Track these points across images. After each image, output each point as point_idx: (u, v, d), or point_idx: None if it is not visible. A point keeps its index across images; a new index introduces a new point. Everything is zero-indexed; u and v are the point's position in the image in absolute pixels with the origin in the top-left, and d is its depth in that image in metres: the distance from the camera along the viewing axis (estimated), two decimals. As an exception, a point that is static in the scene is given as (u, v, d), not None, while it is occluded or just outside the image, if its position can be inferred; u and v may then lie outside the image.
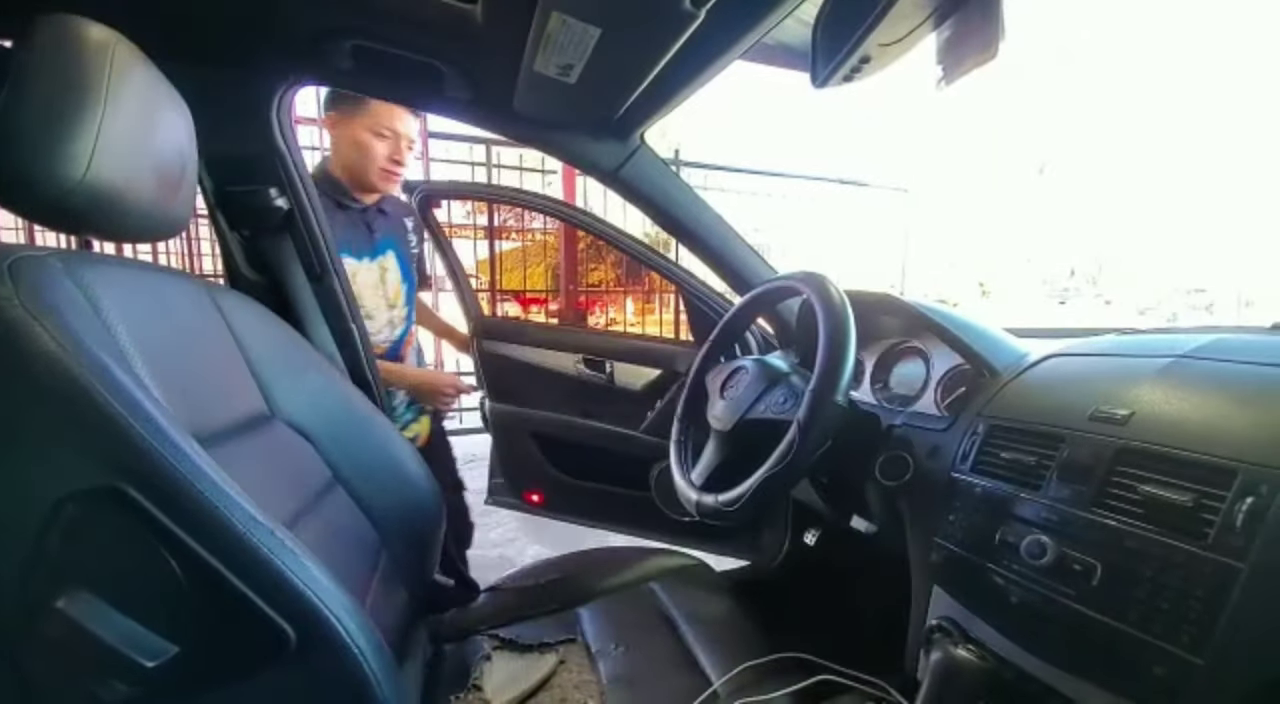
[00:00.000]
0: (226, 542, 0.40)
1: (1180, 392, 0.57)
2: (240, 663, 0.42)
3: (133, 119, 0.47)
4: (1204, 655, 0.46)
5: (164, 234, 0.57)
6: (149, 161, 0.50)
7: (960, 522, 0.68)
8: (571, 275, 3.53)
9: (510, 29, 0.73)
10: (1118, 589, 0.52)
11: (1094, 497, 0.56)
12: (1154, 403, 0.58)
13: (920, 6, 0.54)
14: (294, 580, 0.40)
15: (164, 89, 0.54)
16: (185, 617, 0.40)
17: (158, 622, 0.40)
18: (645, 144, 1.12)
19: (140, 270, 0.62)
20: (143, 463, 0.39)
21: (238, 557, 0.40)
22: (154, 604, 0.40)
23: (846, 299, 0.74)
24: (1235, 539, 0.46)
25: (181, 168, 0.57)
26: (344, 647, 0.42)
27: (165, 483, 0.39)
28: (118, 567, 0.40)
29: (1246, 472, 0.47)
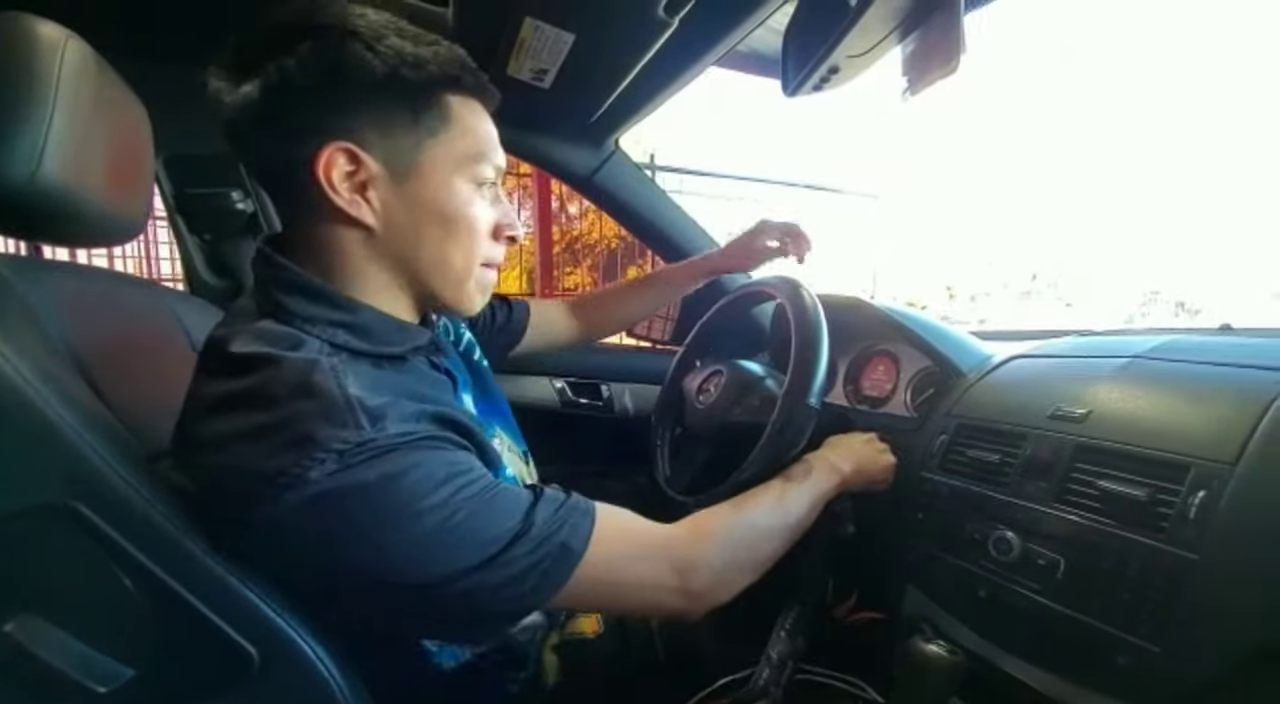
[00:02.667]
0: (183, 559, 0.38)
1: (1135, 390, 0.60)
2: (200, 686, 0.41)
3: (85, 118, 0.46)
4: (1162, 644, 0.48)
5: (119, 238, 0.55)
6: (102, 162, 0.48)
7: (930, 520, 0.69)
8: (547, 279, 3.51)
9: (483, 33, 0.73)
10: (1080, 582, 0.54)
11: (1055, 493, 0.58)
12: (1110, 401, 0.60)
13: (885, 20, 0.56)
14: (255, 598, 0.39)
15: (119, 88, 0.52)
16: (141, 639, 0.39)
17: (112, 645, 0.38)
18: (620, 150, 1.12)
19: (94, 277, 0.59)
20: (95, 479, 0.37)
21: (196, 575, 0.38)
22: (108, 627, 0.38)
23: (819, 303, 0.76)
24: (1189, 532, 0.48)
25: (138, 168, 0.55)
26: (310, 666, 0.41)
27: (119, 499, 0.37)
28: (69, 588, 0.38)
29: (1198, 467, 0.50)
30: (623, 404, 1.25)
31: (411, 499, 0.38)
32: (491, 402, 0.66)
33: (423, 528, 0.38)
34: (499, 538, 0.40)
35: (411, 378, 0.47)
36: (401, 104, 0.43)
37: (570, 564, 0.43)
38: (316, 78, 0.40)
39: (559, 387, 1.23)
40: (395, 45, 0.42)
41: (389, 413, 0.39)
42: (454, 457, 0.42)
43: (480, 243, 0.49)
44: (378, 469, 0.37)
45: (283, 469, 0.36)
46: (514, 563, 0.40)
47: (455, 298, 0.50)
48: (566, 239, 4.15)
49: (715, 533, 0.53)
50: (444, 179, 0.45)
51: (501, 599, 0.41)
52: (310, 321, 0.43)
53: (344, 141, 0.41)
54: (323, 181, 0.41)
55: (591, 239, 4.16)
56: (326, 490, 0.36)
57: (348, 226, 0.44)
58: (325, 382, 0.39)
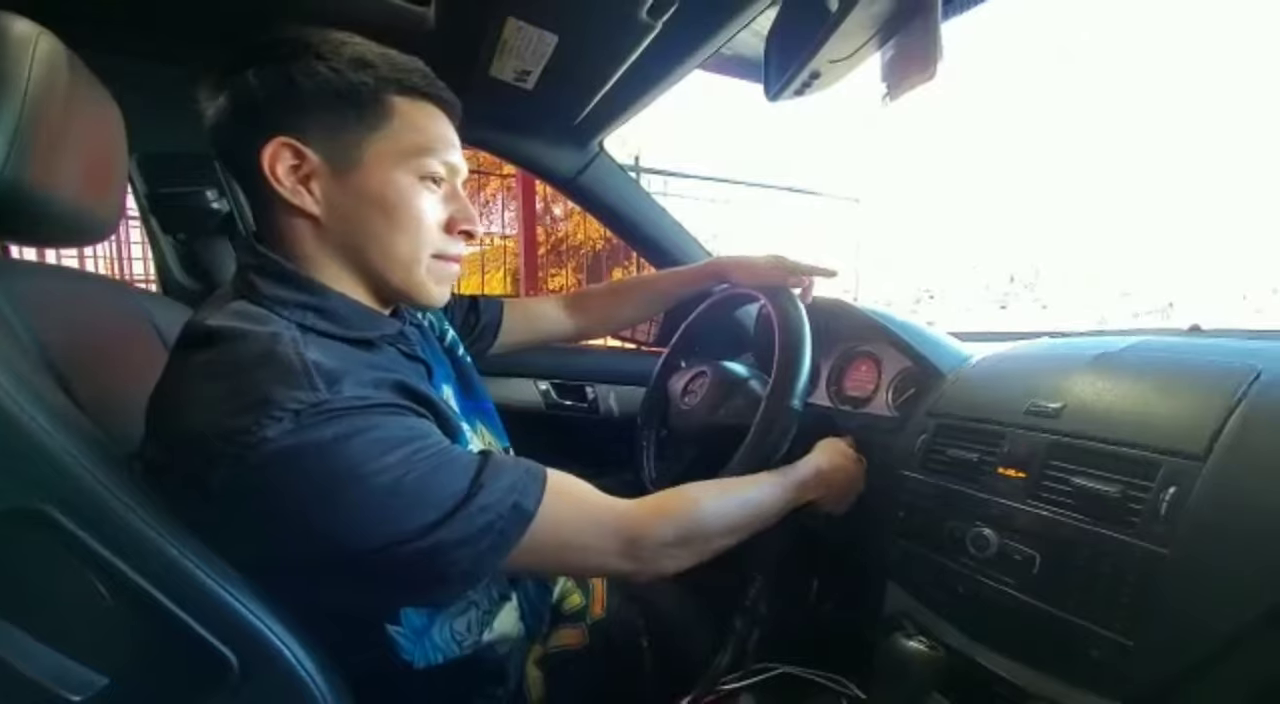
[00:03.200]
0: (159, 563, 0.37)
1: (1108, 390, 0.61)
2: (177, 693, 0.40)
3: (56, 115, 0.45)
4: (1135, 638, 0.49)
5: (90, 238, 0.54)
6: (74, 160, 0.47)
7: (912, 518, 0.70)
8: (532, 281, 3.49)
9: (465, 33, 0.72)
10: (1055, 577, 0.55)
11: (1031, 489, 0.59)
12: (1084, 400, 0.62)
13: (865, 27, 0.57)
14: (234, 602, 0.38)
15: (92, 85, 0.51)
16: (116, 646, 0.38)
17: (85, 652, 0.37)
18: (604, 151, 1.13)
19: (64, 277, 0.58)
20: (66, 482, 0.36)
21: (172, 579, 0.37)
22: (81, 633, 0.37)
23: (802, 306, 0.76)
24: (1160, 527, 0.49)
25: (110, 167, 0.54)
26: (290, 671, 0.40)
27: (91, 503, 0.37)
28: (40, 594, 0.37)
29: (1169, 464, 0.51)
30: (608, 406, 1.25)
31: (367, 459, 0.39)
32: (475, 398, 0.68)
33: (378, 486, 0.39)
34: (455, 495, 0.42)
35: (381, 358, 0.49)
36: (345, 103, 0.47)
37: (523, 524, 0.44)
38: (272, 85, 0.46)
39: (543, 388, 1.23)
40: (347, 53, 0.47)
41: (346, 377, 0.41)
42: (411, 422, 0.44)
43: (427, 233, 0.51)
44: (334, 429, 0.39)
45: (241, 428, 0.38)
46: (471, 520, 0.42)
47: (407, 285, 0.52)
48: (551, 240, 4.14)
49: (673, 514, 0.55)
50: (385, 172, 0.48)
51: (461, 557, 0.42)
52: (281, 303, 0.46)
53: (288, 137, 0.46)
54: (267, 173, 0.46)
55: (577, 240, 4.15)
56: (283, 449, 0.38)
57: (297, 216, 0.48)
58: (285, 351, 0.41)
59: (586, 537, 0.49)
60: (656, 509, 0.54)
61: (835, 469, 0.73)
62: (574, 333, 0.92)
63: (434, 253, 0.52)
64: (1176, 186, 7.02)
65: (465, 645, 0.56)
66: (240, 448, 0.37)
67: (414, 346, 0.56)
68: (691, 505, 0.57)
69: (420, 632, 0.53)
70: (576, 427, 1.23)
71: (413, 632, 0.52)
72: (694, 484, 0.60)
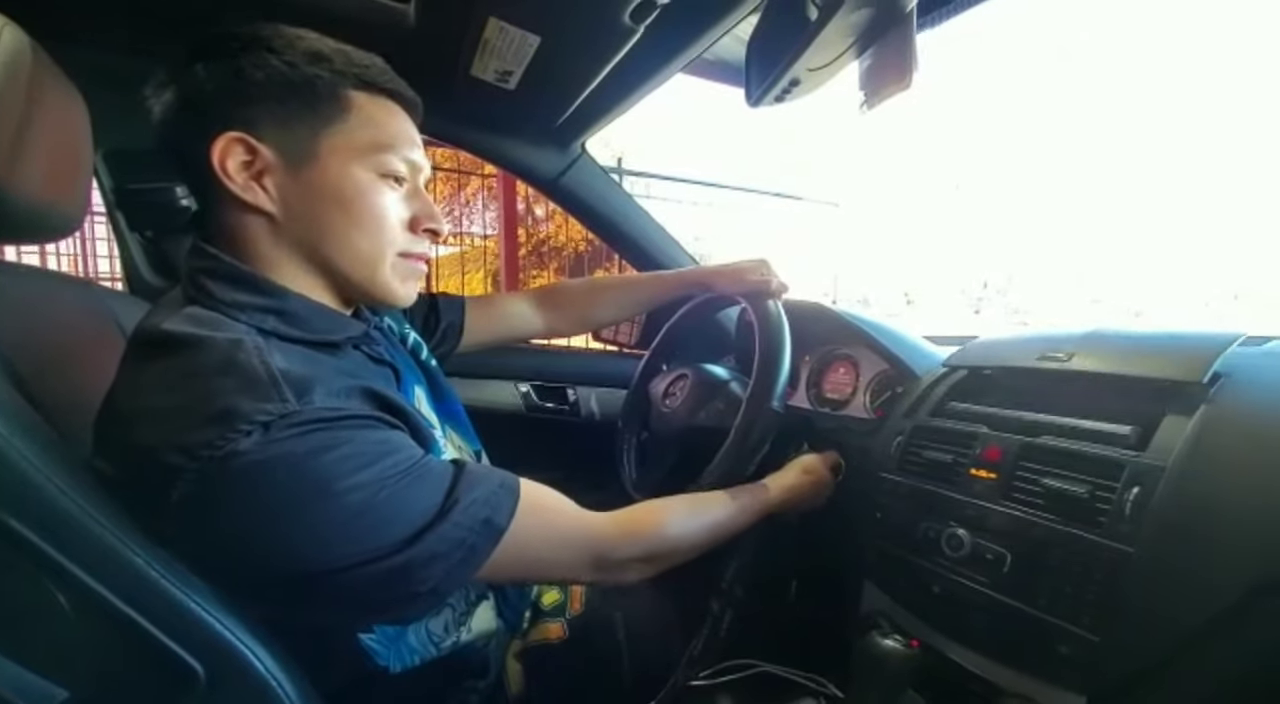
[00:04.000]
0: (121, 571, 0.36)
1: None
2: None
3: (19, 108, 0.43)
4: (1102, 634, 0.51)
5: (54, 234, 0.52)
6: (37, 154, 0.46)
7: (888, 519, 0.71)
8: (513, 282, 3.47)
9: (445, 32, 0.72)
10: (1026, 576, 0.57)
11: (1003, 490, 0.60)
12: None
13: (844, 36, 0.58)
14: (199, 611, 0.37)
15: (57, 77, 0.49)
16: (77, 658, 0.36)
17: (44, 664, 0.36)
18: (586, 153, 1.12)
19: (25, 275, 0.56)
20: (24, 488, 0.35)
21: (134, 587, 0.36)
22: (39, 645, 0.36)
23: (782, 309, 0.77)
24: (1125, 526, 0.51)
25: (75, 162, 0.52)
26: (260, 680, 0.39)
27: (50, 511, 0.35)
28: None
29: (1133, 464, 0.53)
30: (589, 408, 1.25)
31: (339, 475, 0.38)
32: (444, 402, 0.67)
33: (351, 503, 0.38)
34: (426, 512, 0.41)
35: (347, 363, 0.48)
36: (296, 96, 0.45)
37: (494, 538, 0.44)
38: (220, 79, 0.44)
39: (524, 391, 1.22)
40: (301, 47, 0.46)
41: (316, 386, 0.40)
42: (384, 435, 0.42)
43: (390, 232, 0.50)
44: (306, 443, 0.38)
45: (206, 442, 0.36)
46: (443, 537, 0.41)
47: (371, 284, 0.50)
48: (533, 242, 4.12)
49: (641, 534, 0.56)
50: (342, 167, 0.47)
51: (433, 573, 0.41)
52: (238, 308, 0.44)
53: (239, 132, 0.44)
54: (217, 169, 0.44)
55: (559, 242, 4.14)
56: (253, 463, 0.36)
57: (250, 213, 0.46)
58: (248, 359, 0.40)
59: (556, 553, 0.50)
60: (624, 528, 0.54)
61: (804, 485, 0.75)
62: (546, 330, 0.90)
63: (399, 251, 0.51)
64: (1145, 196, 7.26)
65: (443, 646, 0.55)
66: (204, 462, 0.36)
67: (379, 349, 0.55)
68: (659, 526, 0.58)
69: (394, 637, 0.52)
70: (557, 429, 1.23)
71: (386, 638, 0.52)
72: (664, 501, 0.61)
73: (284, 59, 0.45)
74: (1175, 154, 8.00)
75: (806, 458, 0.78)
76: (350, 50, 0.48)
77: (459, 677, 0.59)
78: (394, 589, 0.41)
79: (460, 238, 3.95)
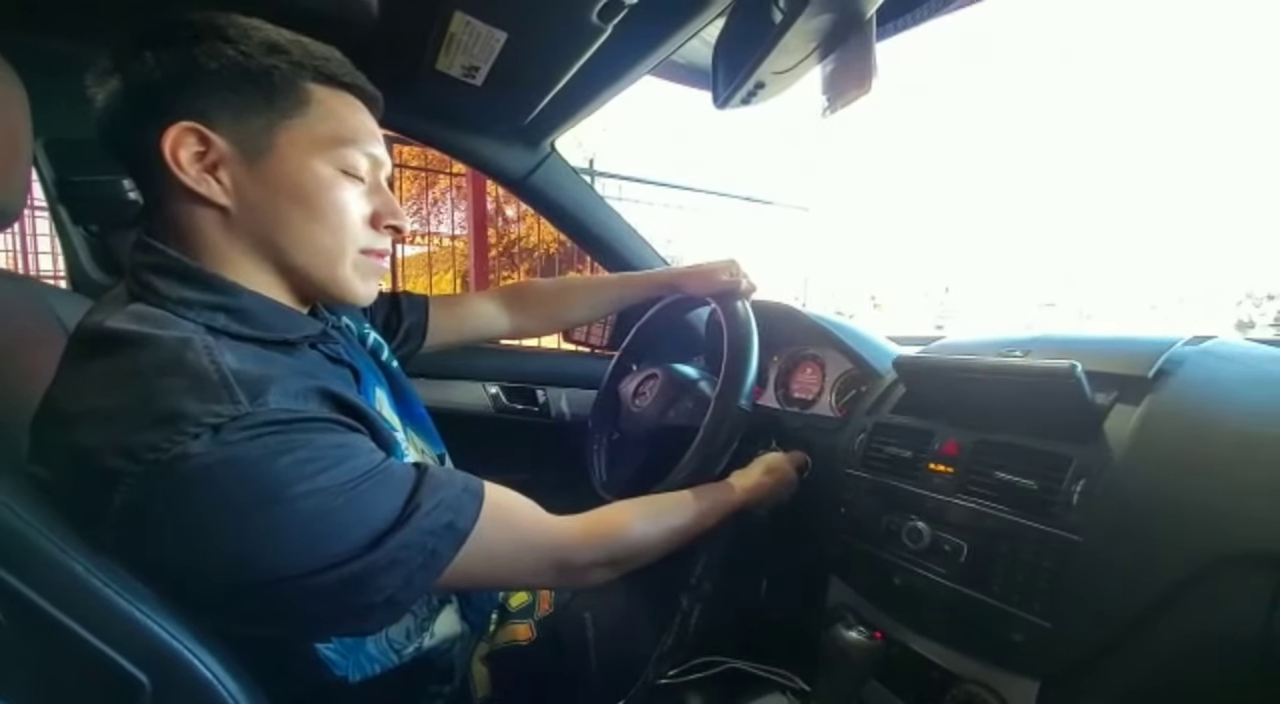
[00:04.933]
0: (59, 579, 0.34)
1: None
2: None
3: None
4: (1052, 620, 0.53)
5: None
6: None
7: (852, 514, 0.73)
8: (483, 283, 3.43)
9: (409, 24, 0.71)
10: (981, 566, 0.59)
11: (960, 484, 0.62)
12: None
13: (805, 41, 0.59)
14: (143, 619, 0.35)
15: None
16: (14, 672, 0.34)
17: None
18: (556, 152, 1.12)
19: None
20: None
21: (73, 595, 0.34)
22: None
23: (750, 310, 0.78)
24: (1073, 516, 0.53)
25: (12, 151, 0.49)
26: (209, 691, 0.37)
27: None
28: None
29: (1080, 457, 0.55)
30: (559, 409, 1.24)
31: (294, 479, 0.37)
32: (406, 404, 0.65)
33: (305, 509, 0.37)
34: (386, 518, 0.40)
35: (304, 363, 0.46)
36: (252, 86, 0.44)
37: (456, 544, 0.43)
38: (171, 68, 0.42)
39: (493, 392, 1.20)
40: (256, 38, 0.44)
41: (271, 387, 0.39)
42: (342, 438, 0.41)
43: (351, 227, 0.49)
44: (258, 447, 0.36)
45: (151, 445, 0.34)
46: (404, 542, 0.40)
47: (331, 281, 0.49)
48: (504, 242, 4.08)
49: (604, 538, 0.55)
50: (301, 160, 0.46)
51: (391, 580, 0.40)
52: (185, 305, 0.42)
53: (191, 122, 0.42)
54: (169, 160, 0.42)
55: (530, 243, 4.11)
56: (200, 467, 0.35)
57: (202, 206, 0.44)
58: (197, 358, 0.38)
59: (519, 558, 0.49)
60: (588, 531, 0.54)
61: (767, 482, 0.75)
62: (513, 330, 0.88)
63: (361, 248, 0.50)
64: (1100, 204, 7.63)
65: (405, 653, 0.54)
66: (148, 466, 0.34)
67: (337, 349, 0.53)
68: (622, 529, 0.57)
69: (353, 647, 0.51)
70: (526, 430, 1.21)
71: (344, 648, 0.50)
72: (628, 504, 0.61)
73: (239, 49, 0.43)
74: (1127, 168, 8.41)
75: (770, 456, 0.79)
76: (308, 42, 0.47)
77: (422, 683, 0.58)
78: (349, 598, 0.39)
79: (428, 237, 3.88)
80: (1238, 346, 0.62)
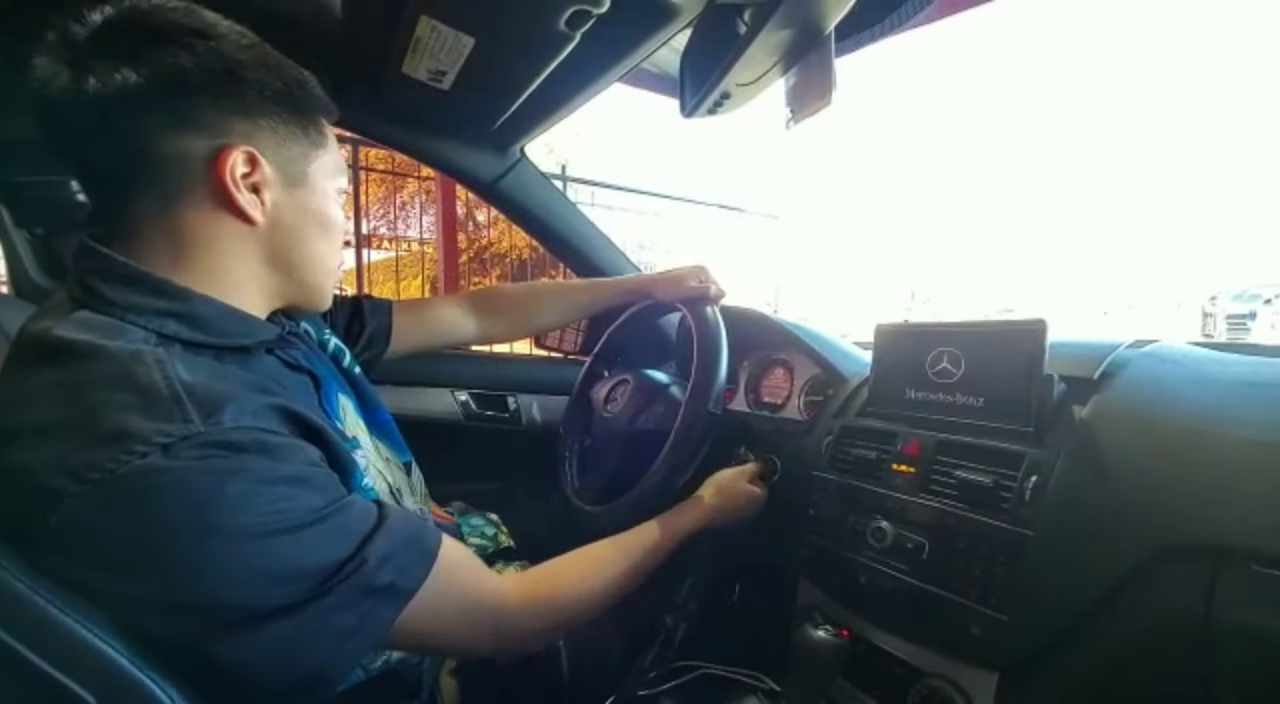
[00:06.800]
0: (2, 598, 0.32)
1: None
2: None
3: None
4: (1008, 613, 0.55)
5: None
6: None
7: (819, 515, 0.74)
8: (453, 289, 3.38)
9: (375, 27, 0.70)
10: (942, 562, 0.60)
11: (921, 483, 0.64)
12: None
13: (768, 54, 0.61)
14: (86, 634, 0.34)
15: None
16: None
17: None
18: (526, 157, 1.11)
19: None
20: None
21: (15, 614, 0.33)
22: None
23: (719, 316, 0.79)
24: (1025, 511, 0.55)
25: None
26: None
27: None
28: None
29: (1031, 456, 0.57)
30: (531, 416, 1.23)
31: (239, 510, 0.35)
32: (372, 411, 0.64)
33: (245, 547, 0.35)
34: (329, 566, 0.37)
35: (258, 375, 0.45)
36: (293, 118, 0.47)
37: (397, 606, 0.40)
38: (211, 78, 0.42)
39: (463, 399, 1.19)
40: (293, 72, 0.47)
41: (226, 405, 0.37)
42: (297, 470, 0.39)
43: (340, 245, 0.55)
44: (208, 469, 0.35)
45: (95, 464, 0.33)
46: (340, 601, 0.37)
47: (324, 292, 0.54)
48: (474, 248, 4.04)
49: (545, 603, 0.52)
50: (324, 187, 0.50)
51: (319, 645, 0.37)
52: (134, 311, 0.41)
53: (246, 145, 0.44)
54: (225, 178, 0.43)
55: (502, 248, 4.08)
56: (146, 488, 0.33)
57: (230, 220, 0.45)
58: (148, 373, 0.37)
59: (458, 628, 0.46)
60: (528, 597, 0.51)
61: (720, 504, 0.73)
62: (480, 336, 0.87)
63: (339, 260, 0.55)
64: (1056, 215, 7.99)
65: (372, 669, 0.53)
66: (90, 487, 0.33)
67: (295, 355, 0.52)
68: (566, 590, 0.54)
69: None
70: (497, 438, 1.20)
71: None
72: (569, 562, 0.57)
73: (279, 77, 0.46)
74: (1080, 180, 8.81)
75: (720, 474, 0.77)
76: (306, 74, 0.50)
77: (389, 698, 0.56)
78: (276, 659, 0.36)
79: (395, 242, 3.82)
80: (1179, 349, 0.66)
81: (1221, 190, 19.00)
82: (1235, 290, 5.44)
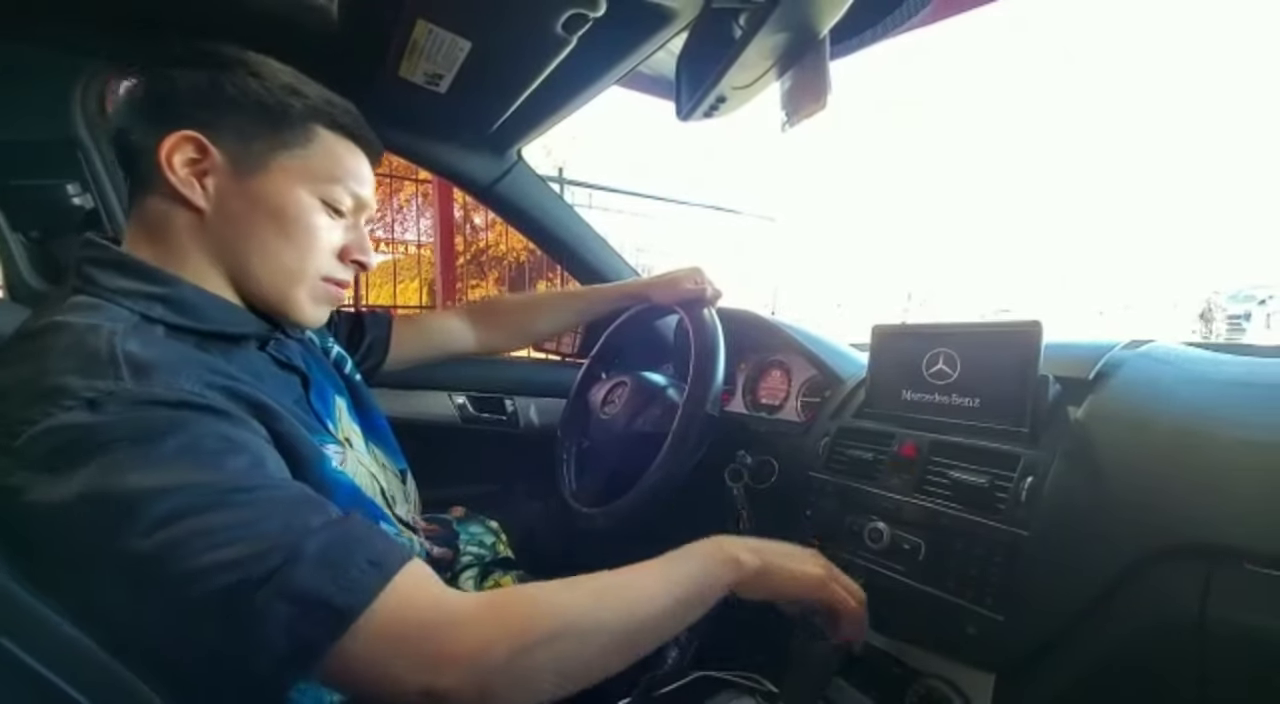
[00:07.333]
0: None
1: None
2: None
3: None
4: (1004, 613, 0.55)
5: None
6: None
7: (816, 516, 0.74)
8: (450, 292, 3.38)
9: (371, 30, 0.70)
10: (938, 562, 0.60)
11: (916, 484, 0.64)
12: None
13: (763, 57, 0.61)
14: (80, 636, 0.34)
15: None
16: None
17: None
18: (523, 160, 1.12)
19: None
20: None
21: (11, 618, 0.33)
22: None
23: (717, 318, 0.80)
24: (1020, 512, 0.55)
25: None
26: None
27: None
28: None
29: (1026, 457, 0.58)
30: (528, 418, 1.22)
31: (161, 468, 0.34)
32: (368, 416, 0.64)
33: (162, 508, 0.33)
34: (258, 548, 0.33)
35: (234, 365, 0.45)
36: (263, 115, 0.48)
37: (331, 630, 0.33)
38: (193, 84, 0.46)
39: (459, 402, 1.18)
40: (282, 79, 0.49)
41: (163, 370, 0.38)
42: (231, 431, 0.38)
43: (319, 254, 0.52)
44: (131, 425, 0.34)
45: (25, 418, 0.34)
46: (264, 607, 0.33)
47: (283, 298, 0.51)
48: (472, 250, 4.03)
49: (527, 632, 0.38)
50: (288, 184, 0.49)
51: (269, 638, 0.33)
52: (123, 294, 0.43)
53: (196, 132, 0.45)
54: (161, 161, 0.45)
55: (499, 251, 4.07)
56: (69, 442, 0.34)
57: (180, 207, 0.47)
58: (95, 342, 0.38)
59: (394, 668, 0.35)
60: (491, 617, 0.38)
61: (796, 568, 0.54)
62: (479, 347, 0.87)
63: (324, 275, 0.52)
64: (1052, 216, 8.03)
65: None
66: (12, 439, 0.34)
67: (288, 352, 0.53)
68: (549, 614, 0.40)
69: None
70: (495, 440, 1.19)
71: None
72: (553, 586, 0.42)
73: (264, 84, 0.47)
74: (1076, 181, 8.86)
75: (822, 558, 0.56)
76: (330, 94, 0.51)
77: None
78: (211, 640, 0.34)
79: (393, 245, 3.81)
80: (1173, 350, 0.66)
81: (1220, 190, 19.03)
82: (1231, 291, 5.54)
